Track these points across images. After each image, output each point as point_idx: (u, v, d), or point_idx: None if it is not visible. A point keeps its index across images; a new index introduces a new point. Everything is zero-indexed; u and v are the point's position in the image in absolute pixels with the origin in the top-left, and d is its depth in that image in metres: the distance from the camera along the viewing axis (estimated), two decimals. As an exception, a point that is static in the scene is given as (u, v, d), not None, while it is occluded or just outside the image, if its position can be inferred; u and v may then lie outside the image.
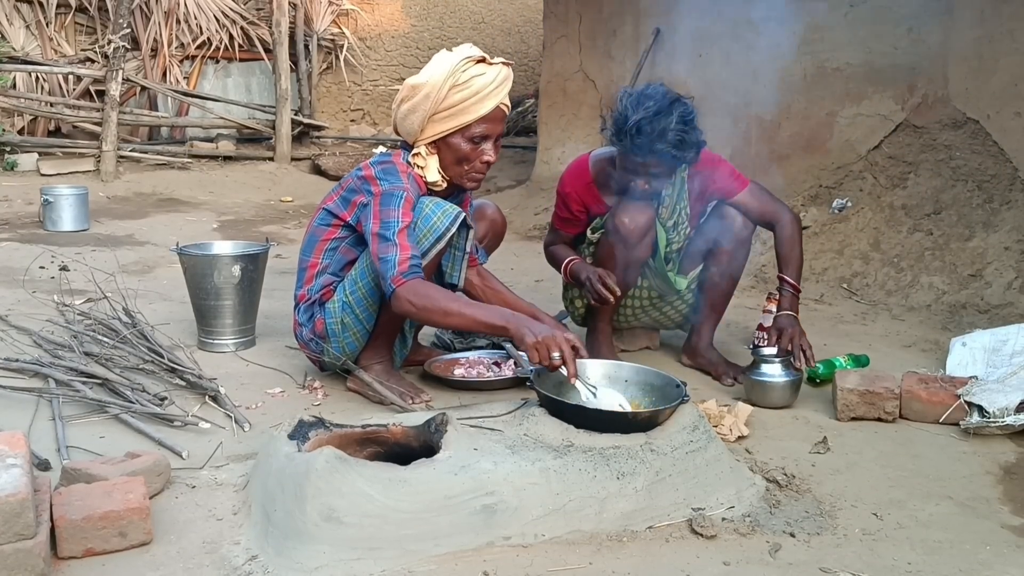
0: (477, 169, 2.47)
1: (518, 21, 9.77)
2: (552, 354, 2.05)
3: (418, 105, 2.41)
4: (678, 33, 5.45)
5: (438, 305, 2.24)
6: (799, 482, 2.06)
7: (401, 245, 2.28)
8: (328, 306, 2.53)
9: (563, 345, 2.06)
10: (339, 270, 2.56)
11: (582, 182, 2.89)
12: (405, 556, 1.66)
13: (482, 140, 2.43)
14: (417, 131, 2.44)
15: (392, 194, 2.36)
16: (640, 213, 2.70)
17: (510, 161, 7.82)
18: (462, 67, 2.37)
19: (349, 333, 2.52)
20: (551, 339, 2.06)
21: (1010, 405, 2.37)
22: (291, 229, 5.75)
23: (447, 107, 2.38)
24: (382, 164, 2.45)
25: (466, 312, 2.24)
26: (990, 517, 1.95)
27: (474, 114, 2.38)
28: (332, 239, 2.56)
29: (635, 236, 2.71)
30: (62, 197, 5.18)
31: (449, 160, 2.46)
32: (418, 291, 2.25)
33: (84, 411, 2.35)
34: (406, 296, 2.24)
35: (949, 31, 4.11)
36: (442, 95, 2.36)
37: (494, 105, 2.40)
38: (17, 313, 3.25)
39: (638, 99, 2.59)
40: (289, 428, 1.90)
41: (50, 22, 7.57)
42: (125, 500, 1.67)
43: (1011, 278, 3.65)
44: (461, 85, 2.36)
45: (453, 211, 2.41)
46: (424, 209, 2.40)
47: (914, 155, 4.31)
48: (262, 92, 8.49)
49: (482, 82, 2.37)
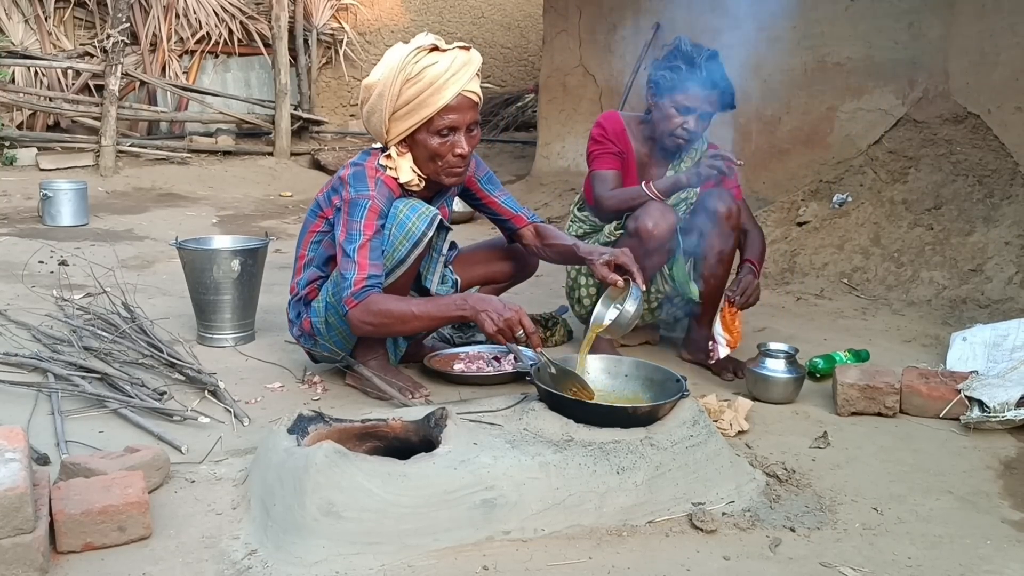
0: (451, 163, 2.36)
1: (518, 16, 9.76)
2: (516, 333, 2.11)
3: (375, 106, 2.33)
4: (678, 28, 5.43)
5: (394, 316, 2.24)
6: (799, 477, 2.06)
7: (359, 264, 2.25)
8: (314, 305, 2.52)
9: (524, 320, 2.11)
10: (322, 264, 2.55)
11: (617, 126, 2.97)
12: (404, 550, 1.66)
13: (450, 132, 2.31)
14: (382, 132, 2.36)
15: (357, 203, 2.30)
16: (663, 218, 2.71)
17: (510, 156, 7.81)
18: (412, 59, 2.25)
19: (335, 332, 2.51)
20: (511, 319, 2.11)
21: (1010, 400, 2.37)
22: (290, 224, 5.75)
23: (403, 103, 2.27)
24: (355, 167, 2.39)
25: (420, 312, 2.24)
26: (990, 512, 1.95)
27: (433, 106, 2.26)
28: (317, 232, 2.55)
29: (655, 241, 2.71)
30: (61, 192, 5.18)
31: (422, 157, 2.36)
32: (370, 309, 2.23)
33: (83, 405, 2.35)
34: (359, 318, 2.25)
35: (950, 25, 4.10)
36: (396, 91, 2.26)
37: (454, 93, 2.26)
38: (16, 308, 3.25)
39: (697, 46, 2.81)
40: (288, 423, 1.90)
41: (49, 16, 7.56)
42: (124, 494, 1.67)
43: (1011, 273, 3.65)
44: (414, 78, 2.25)
45: (429, 213, 2.34)
46: (399, 215, 2.33)
47: (915, 150, 4.30)
48: (261, 87, 8.48)
49: (435, 71, 2.24)
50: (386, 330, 2.29)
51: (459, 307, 2.20)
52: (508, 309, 2.12)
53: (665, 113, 2.83)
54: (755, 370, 2.61)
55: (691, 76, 2.76)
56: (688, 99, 2.78)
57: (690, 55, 2.78)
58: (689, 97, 2.78)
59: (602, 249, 2.47)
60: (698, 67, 2.76)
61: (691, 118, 2.80)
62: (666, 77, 2.81)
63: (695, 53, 2.78)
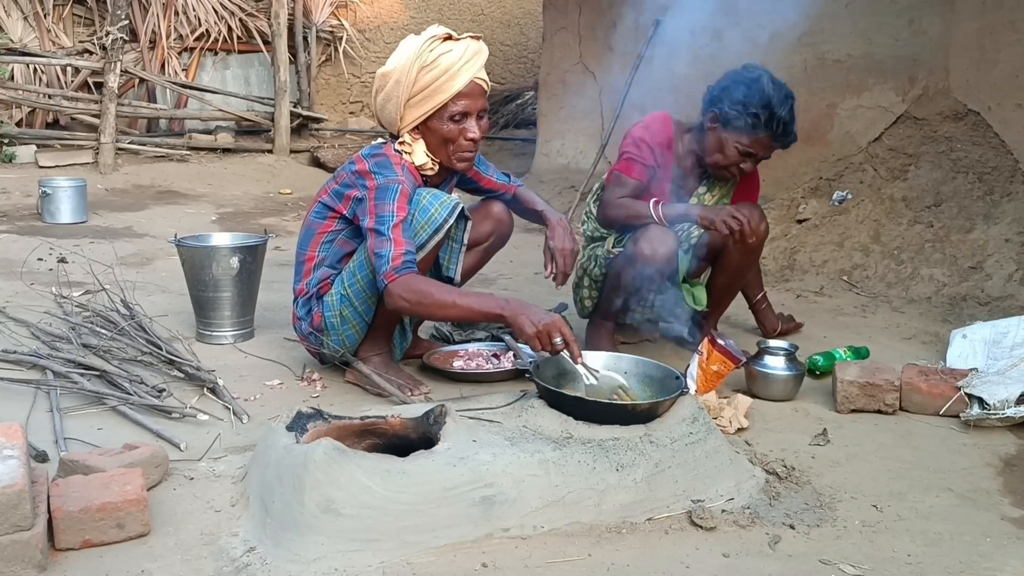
0: (463, 148, 2.44)
1: (517, 13, 9.74)
2: (554, 339, 2.07)
3: (391, 93, 2.40)
4: (678, 24, 5.43)
5: (432, 299, 2.23)
6: (799, 474, 2.06)
7: (395, 240, 2.27)
8: (326, 299, 2.52)
9: (563, 328, 2.08)
10: (336, 262, 2.55)
11: (664, 136, 2.83)
12: (404, 548, 1.66)
13: (463, 118, 2.41)
14: (396, 119, 2.43)
15: (387, 188, 2.34)
16: (662, 244, 2.65)
17: (510, 154, 7.80)
18: (428, 47, 2.36)
19: (348, 326, 2.51)
20: (551, 324, 2.09)
21: (1010, 397, 2.37)
22: (290, 221, 5.74)
23: (419, 89, 2.37)
24: (375, 157, 2.43)
25: (461, 303, 2.24)
26: (990, 509, 1.95)
27: (447, 92, 2.36)
28: (328, 232, 2.55)
29: (654, 264, 2.68)
30: (60, 189, 5.16)
31: (434, 143, 2.44)
32: (411, 286, 2.24)
33: (82, 403, 2.35)
34: (398, 292, 2.24)
35: (950, 22, 4.10)
36: (412, 78, 2.35)
37: (467, 80, 2.37)
38: (15, 305, 3.24)
39: (778, 87, 2.67)
40: (287, 420, 1.90)
41: (48, 13, 7.54)
42: (123, 492, 1.67)
43: (1011, 270, 3.65)
44: (429, 65, 2.35)
45: (451, 202, 2.40)
46: (421, 200, 2.38)
47: (915, 147, 4.29)
48: (261, 84, 8.47)
49: (450, 59, 2.35)
50: (421, 310, 2.29)
51: (500, 307, 2.20)
52: (548, 315, 2.13)
53: (723, 146, 2.73)
54: (754, 367, 2.60)
55: (767, 127, 2.66)
56: (754, 146, 2.70)
57: (770, 102, 2.64)
58: (755, 144, 2.70)
59: (560, 246, 2.56)
60: (777, 119, 2.64)
61: (749, 162, 2.74)
62: (739, 118, 2.67)
63: (776, 101, 2.64)
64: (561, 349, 2.09)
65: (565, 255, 2.57)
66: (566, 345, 2.08)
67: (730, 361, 2.50)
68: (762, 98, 2.64)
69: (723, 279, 2.94)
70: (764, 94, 2.64)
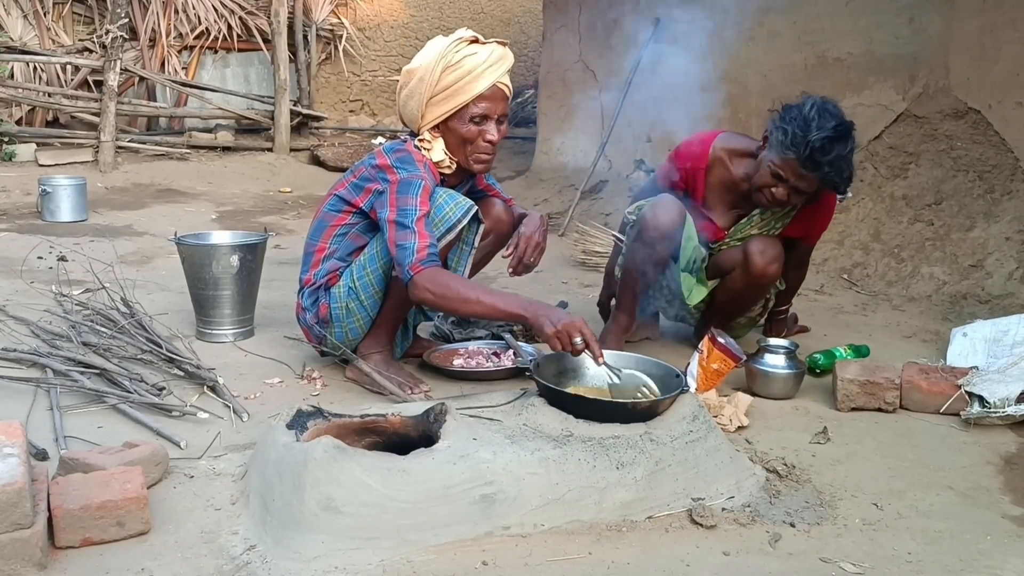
0: (481, 149, 2.46)
1: (517, 11, 9.73)
2: (574, 339, 2.07)
3: (414, 90, 2.42)
4: (678, 23, 5.43)
5: (457, 293, 2.24)
6: (799, 472, 2.06)
7: (420, 233, 2.28)
8: (334, 291, 2.52)
9: (584, 329, 2.08)
10: (347, 255, 2.56)
11: (698, 165, 2.87)
12: (404, 546, 1.66)
13: (483, 120, 2.43)
14: (418, 116, 2.45)
15: (410, 182, 2.35)
16: (665, 210, 2.68)
17: (509, 152, 7.79)
18: (454, 48, 2.38)
19: (353, 319, 2.52)
20: (571, 325, 2.08)
21: (1011, 395, 2.37)
22: (290, 219, 5.74)
23: (442, 89, 2.39)
24: (397, 153, 2.44)
25: (485, 300, 2.24)
26: (991, 507, 1.95)
27: (469, 93, 2.38)
28: (342, 225, 2.55)
29: (653, 232, 2.70)
30: (60, 187, 5.16)
31: (453, 143, 2.46)
32: (436, 279, 2.25)
33: (82, 401, 2.35)
34: (424, 284, 2.24)
35: (950, 20, 4.09)
36: (436, 77, 2.37)
37: (489, 83, 2.39)
38: (15, 303, 3.24)
39: (821, 112, 2.58)
40: (287, 418, 1.90)
41: (48, 12, 7.53)
42: (123, 490, 1.67)
43: (1012, 268, 3.64)
44: (454, 66, 2.37)
45: (466, 204, 2.41)
46: (438, 199, 2.39)
47: (915, 145, 4.29)
48: (261, 83, 8.46)
49: (474, 61, 2.38)
50: (445, 303, 2.29)
51: (523, 307, 2.20)
52: (569, 317, 2.13)
53: (759, 165, 2.70)
54: (754, 365, 2.60)
55: (794, 147, 2.57)
56: (784, 168, 2.63)
57: (807, 125, 2.56)
58: (785, 167, 2.62)
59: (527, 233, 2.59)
60: (807, 143, 2.54)
61: (782, 188, 2.67)
62: (773, 133, 2.63)
63: (814, 126, 2.55)
64: (582, 349, 2.08)
65: (528, 243, 2.58)
66: (587, 345, 2.08)
67: (730, 359, 2.50)
68: (800, 119, 2.59)
69: (723, 298, 2.96)
70: (804, 117, 2.59)
